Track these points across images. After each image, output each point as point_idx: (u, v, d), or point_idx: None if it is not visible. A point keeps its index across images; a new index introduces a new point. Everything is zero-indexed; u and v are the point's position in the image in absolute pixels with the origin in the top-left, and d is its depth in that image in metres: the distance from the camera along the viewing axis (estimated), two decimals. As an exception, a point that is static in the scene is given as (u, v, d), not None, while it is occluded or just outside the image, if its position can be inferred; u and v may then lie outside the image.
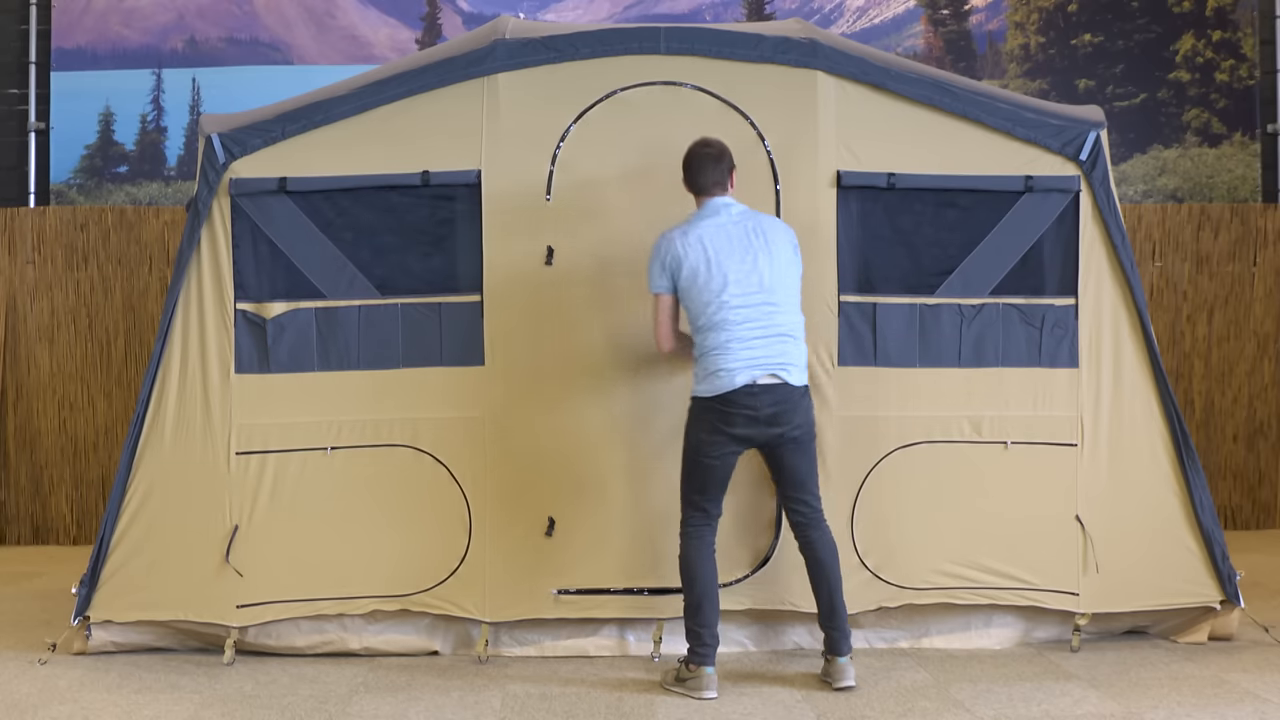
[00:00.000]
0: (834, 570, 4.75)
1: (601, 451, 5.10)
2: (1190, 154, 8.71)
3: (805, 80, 5.17)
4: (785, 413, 4.63)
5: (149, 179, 8.65)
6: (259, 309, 5.15)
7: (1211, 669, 4.97)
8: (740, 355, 4.59)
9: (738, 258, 4.64)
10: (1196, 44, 8.73)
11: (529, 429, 5.10)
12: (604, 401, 5.10)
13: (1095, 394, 5.23)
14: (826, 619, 4.75)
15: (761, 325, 4.62)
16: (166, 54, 8.69)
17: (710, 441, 4.66)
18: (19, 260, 8.16)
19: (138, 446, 5.13)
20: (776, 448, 4.69)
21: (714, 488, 4.72)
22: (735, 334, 4.60)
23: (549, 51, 5.16)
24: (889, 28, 8.85)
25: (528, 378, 5.10)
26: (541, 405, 5.10)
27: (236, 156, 5.15)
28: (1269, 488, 8.34)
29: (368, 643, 5.22)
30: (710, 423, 4.64)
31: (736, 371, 4.58)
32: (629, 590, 5.10)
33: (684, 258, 4.65)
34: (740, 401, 4.59)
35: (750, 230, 4.68)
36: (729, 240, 4.65)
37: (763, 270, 4.65)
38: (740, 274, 4.63)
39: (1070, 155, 5.24)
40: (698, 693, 4.65)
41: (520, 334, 5.11)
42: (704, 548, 4.72)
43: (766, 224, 4.74)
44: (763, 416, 4.61)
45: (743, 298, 4.62)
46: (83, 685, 4.83)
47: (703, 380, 4.67)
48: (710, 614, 4.70)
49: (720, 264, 4.62)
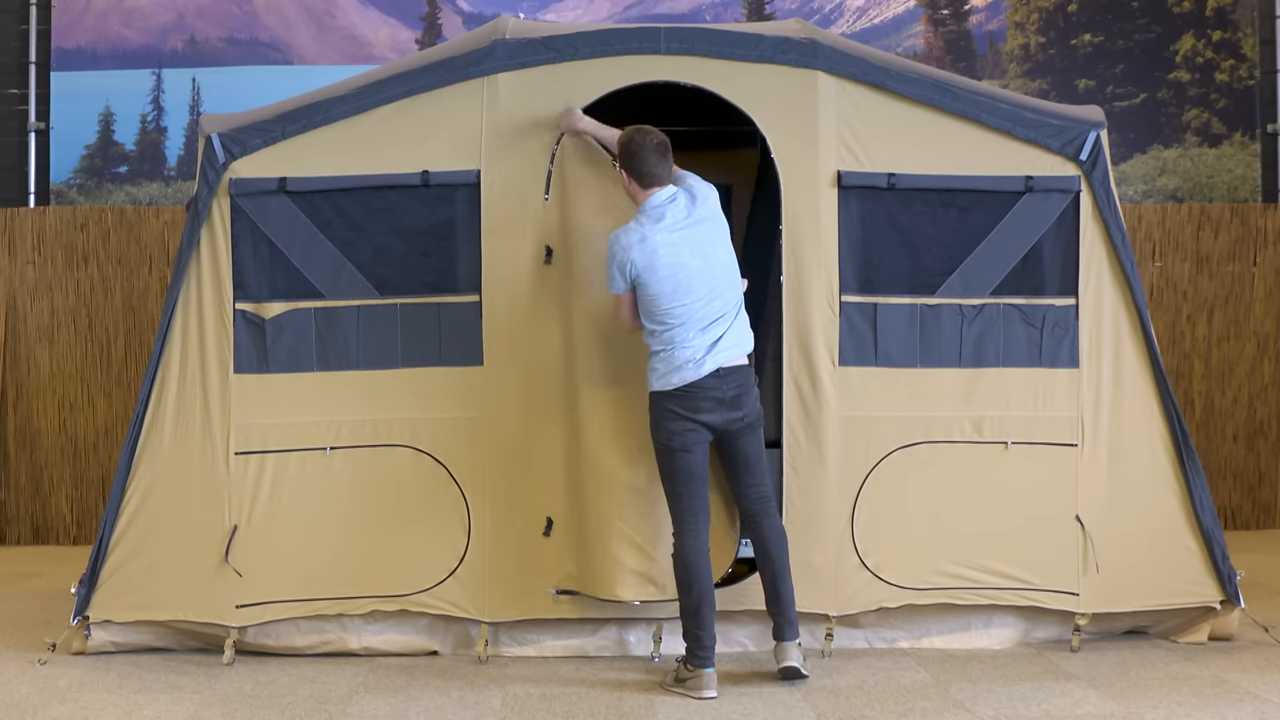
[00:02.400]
0: (781, 559, 4.80)
1: (601, 451, 5.10)
2: (1190, 154, 8.71)
3: (805, 80, 5.17)
4: (744, 395, 4.73)
5: (149, 179, 8.65)
6: (258, 309, 5.15)
7: (1211, 669, 4.97)
8: (701, 344, 4.67)
9: (689, 259, 4.68)
10: (1196, 44, 8.72)
11: (528, 429, 5.10)
12: (603, 401, 5.09)
13: (1095, 394, 5.23)
14: (772, 604, 4.79)
15: (714, 311, 4.70)
16: (166, 54, 8.69)
17: (678, 430, 4.69)
18: (19, 260, 8.16)
19: (137, 446, 5.12)
20: (735, 433, 4.75)
21: (694, 480, 4.74)
22: (693, 326, 4.67)
23: (549, 51, 5.16)
24: (889, 28, 8.85)
25: (527, 378, 5.10)
26: (540, 405, 5.10)
27: (236, 156, 5.15)
28: (1269, 488, 8.34)
29: (367, 643, 5.22)
30: (675, 413, 4.69)
31: (703, 361, 4.66)
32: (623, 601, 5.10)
33: (641, 266, 4.68)
34: (707, 385, 4.66)
35: (694, 224, 4.72)
36: (684, 239, 4.69)
37: (711, 264, 4.72)
38: (693, 273, 4.68)
39: (1070, 155, 5.24)
40: (698, 693, 4.65)
41: (519, 334, 5.10)
42: (699, 547, 4.72)
43: (701, 212, 4.76)
44: (727, 399, 4.69)
45: (696, 292, 4.68)
46: (83, 685, 4.83)
47: (665, 375, 4.70)
48: (708, 615, 4.70)
49: (674, 270, 4.66)
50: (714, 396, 4.67)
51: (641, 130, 4.78)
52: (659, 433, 4.76)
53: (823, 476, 5.06)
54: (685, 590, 4.71)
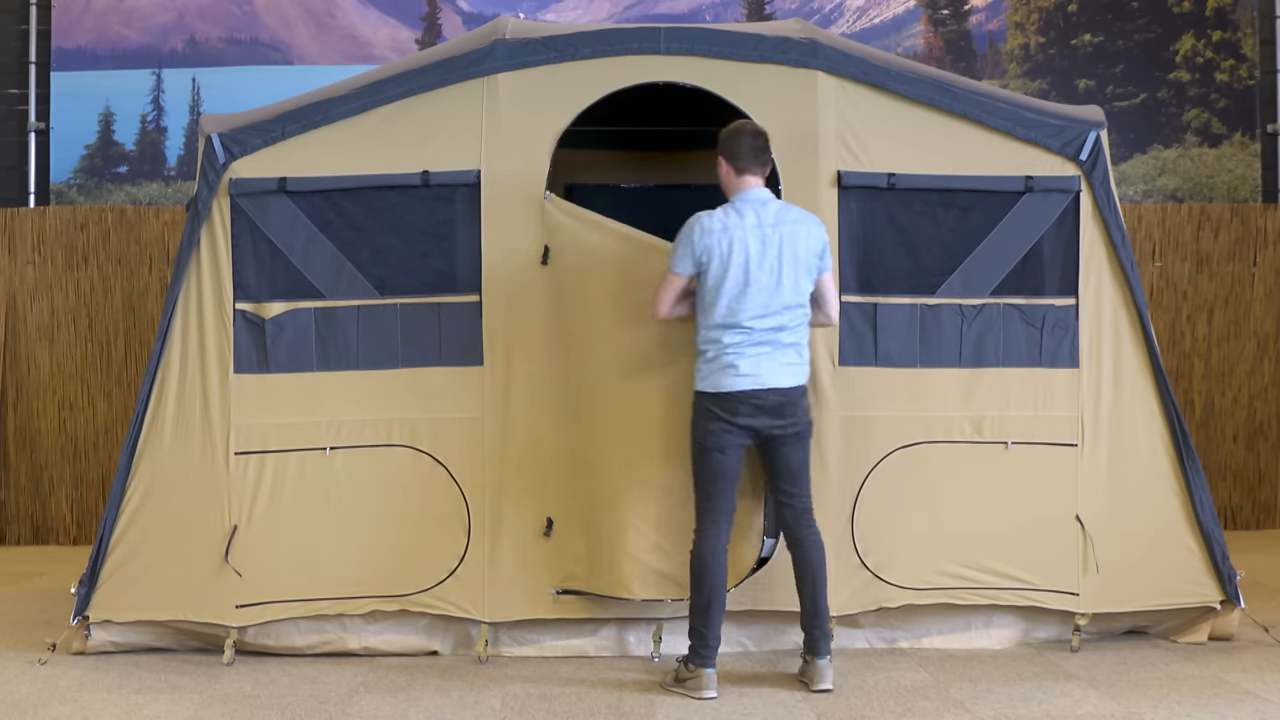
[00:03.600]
0: (820, 571, 4.76)
1: (601, 451, 5.10)
2: (1190, 154, 8.71)
3: (805, 80, 5.17)
4: (789, 404, 4.70)
5: (149, 179, 8.65)
6: (258, 309, 5.14)
7: (1211, 669, 4.97)
8: (751, 361, 4.63)
9: (767, 268, 4.64)
10: (1196, 44, 8.72)
11: (528, 429, 5.10)
12: (603, 401, 5.09)
13: (1095, 394, 5.23)
14: (809, 619, 4.75)
15: (775, 335, 4.67)
16: (166, 54, 8.69)
17: (714, 430, 4.68)
18: (19, 260, 8.16)
19: (137, 446, 5.12)
20: (778, 440, 4.72)
21: (724, 481, 4.72)
22: (750, 339, 4.64)
23: (549, 51, 5.16)
24: (889, 28, 8.85)
25: (526, 377, 5.10)
26: (540, 405, 5.10)
27: (236, 156, 5.15)
28: (1269, 488, 8.34)
29: (367, 643, 5.22)
30: (714, 413, 4.67)
31: (748, 376, 4.63)
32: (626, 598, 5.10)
33: (715, 255, 4.64)
34: (747, 395, 4.64)
35: (783, 238, 4.67)
36: (762, 247, 4.65)
37: (785, 283, 4.67)
38: (765, 284, 4.64)
39: (1070, 155, 5.24)
40: (698, 693, 4.65)
41: (519, 334, 5.10)
42: (718, 546, 4.72)
43: (798, 232, 4.71)
44: (769, 406, 4.66)
45: (756, 301, 4.64)
46: (83, 685, 4.83)
47: (710, 376, 4.69)
48: (717, 615, 4.70)
49: (749, 271, 4.63)
50: (754, 403, 4.65)
51: (747, 122, 4.83)
52: (696, 430, 4.75)
53: (823, 476, 5.05)
54: (698, 587, 4.71)
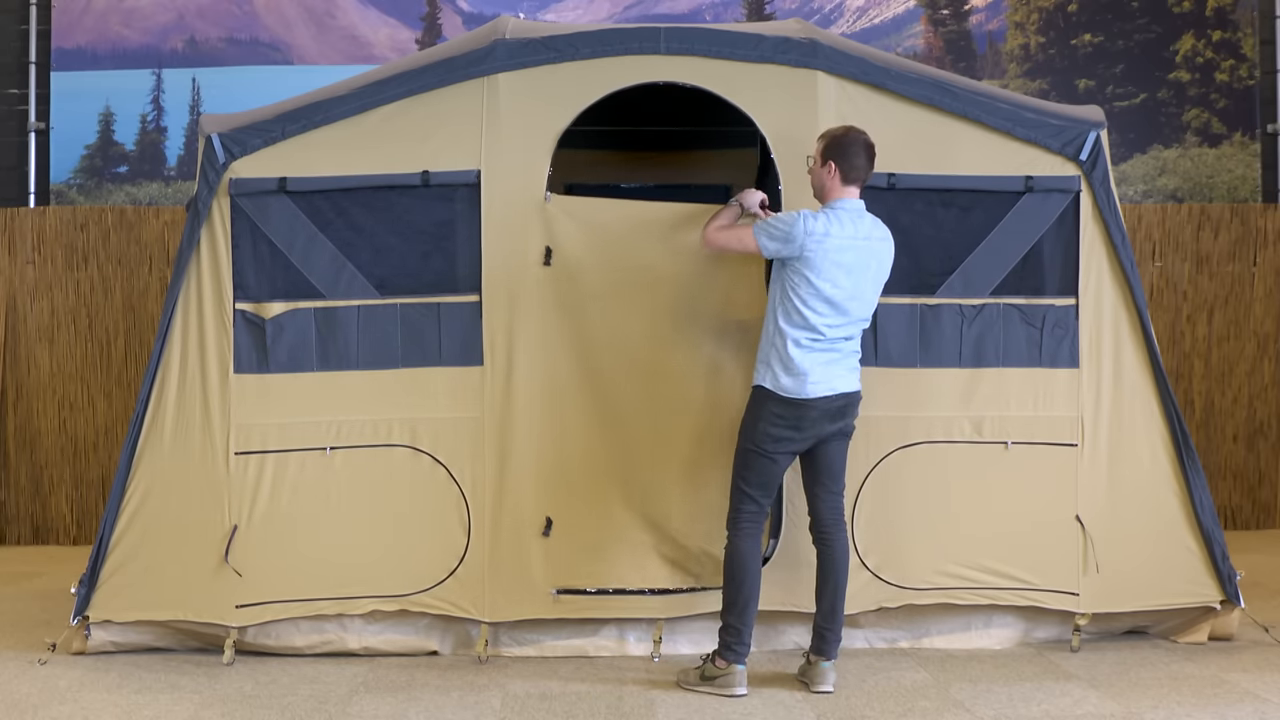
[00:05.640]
0: (844, 573, 4.78)
1: (600, 451, 5.10)
2: (1190, 154, 8.71)
3: (805, 80, 5.17)
4: (850, 408, 4.75)
5: (149, 179, 8.65)
6: (258, 309, 5.14)
7: (1211, 669, 4.97)
8: (826, 366, 4.65)
9: (856, 282, 4.66)
10: (1196, 44, 8.72)
11: (528, 429, 5.10)
12: (602, 401, 5.09)
13: (1095, 394, 5.23)
14: (826, 619, 4.75)
15: (845, 343, 4.71)
16: (166, 54, 8.69)
17: (778, 438, 4.67)
18: (19, 260, 8.16)
19: (137, 446, 5.12)
20: (829, 438, 4.75)
21: (770, 487, 4.75)
22: (822, 344, 4.64)
23: (549, 51, 5.16)
24: (889, 28, 8.85)
25: (526, 377, 5.10)
26: (540, 405, 5.10)
27: (236, 156, 5.14)
28: (1269, 488, 8.34)
29: (367, 643, 5.22)
30: (780, 419, 4.65)
31: (820, 382, 4.64)
32: (630, 590, 5.10)
33: (815, 255, 4.60)
34: (819, 401, 4.65)
35: (872, 255, 4.69)
36: (856, 258, 4.65)
37: (868, 298, 4.72)
38: (850, 293, 4.65)
39: (1070, 155, 5.24)
40: (729, 690, 4.65)
41: (519, 334, 5.10)
42: (755, 544, 4.73)
43: (884, 250, 4.75)
44: (833, 409, 4.69)
45: (844, 315, 4.66)
46: (83, 685, 4.83)
47: (780, 374, 4.66)
48: (753, 611, 4.72)
49: (839, 279, 4.62)
50: (824, 408, 4.66)
51: (861, 132, 4.75)
52: (753, 432, 4.71)
53: (822, 476, 5.05)
54: (736, 585, 4.70)
